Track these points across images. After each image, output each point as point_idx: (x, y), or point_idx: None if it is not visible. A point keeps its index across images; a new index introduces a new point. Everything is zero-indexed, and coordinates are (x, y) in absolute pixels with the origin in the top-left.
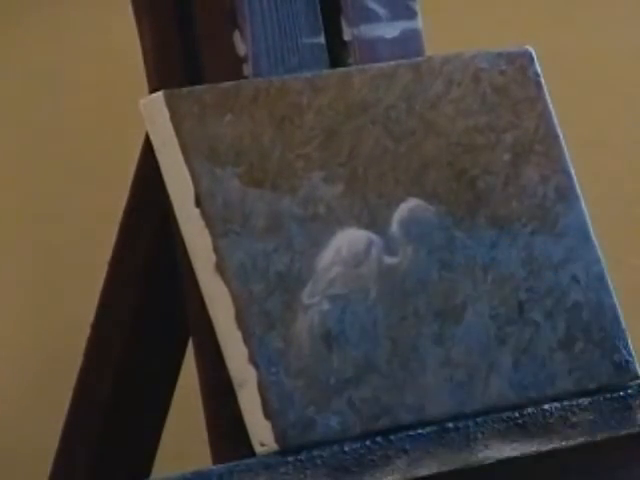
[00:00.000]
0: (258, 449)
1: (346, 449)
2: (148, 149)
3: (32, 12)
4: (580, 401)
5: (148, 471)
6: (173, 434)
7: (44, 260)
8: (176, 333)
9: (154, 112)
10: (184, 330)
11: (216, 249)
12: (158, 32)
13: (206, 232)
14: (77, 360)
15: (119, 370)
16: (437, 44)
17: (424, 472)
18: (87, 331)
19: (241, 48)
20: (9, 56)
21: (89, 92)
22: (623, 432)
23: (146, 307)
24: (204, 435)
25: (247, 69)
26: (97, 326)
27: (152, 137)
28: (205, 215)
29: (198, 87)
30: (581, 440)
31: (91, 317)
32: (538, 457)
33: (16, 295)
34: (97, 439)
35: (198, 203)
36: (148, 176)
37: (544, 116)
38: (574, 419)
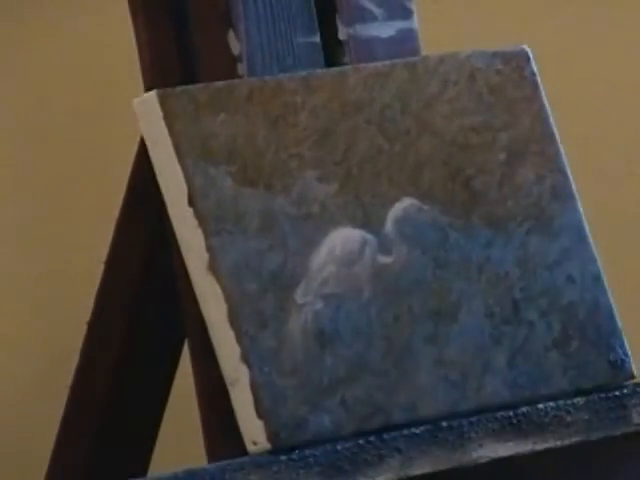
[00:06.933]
0: (250, 448)
1: (339, 448)
2: (144, 149)
3: (30, 11)
4: (575, 400)
5: (144, 470)
6: (169, 433)
7: (43, 260)
8: (173, 333)
9: (147, 111)
10: (180, 330)
11: (209, 248)
12: (153, 31)
13: (199, 231)
14: (76, 360)
15: (116, 369)
16: (433, 44)
17: (417, 471)
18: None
19: (235, 47)
20: (8, 56)
21: (87, 91)
22: (618, 431)
23: (143, 307)
24: (200, 434)
25: (241, 68)
26: (94, 325)
27: (145, 136)
28: (198, 214)
29: (192, 86)
30: (576, 439)
31: None
32: (532, 456)
33: (16, 295)
34: (93, 438)
35: (191, 202)
36: (144, 176)
37: (540, 116)
38: (569, 418)
